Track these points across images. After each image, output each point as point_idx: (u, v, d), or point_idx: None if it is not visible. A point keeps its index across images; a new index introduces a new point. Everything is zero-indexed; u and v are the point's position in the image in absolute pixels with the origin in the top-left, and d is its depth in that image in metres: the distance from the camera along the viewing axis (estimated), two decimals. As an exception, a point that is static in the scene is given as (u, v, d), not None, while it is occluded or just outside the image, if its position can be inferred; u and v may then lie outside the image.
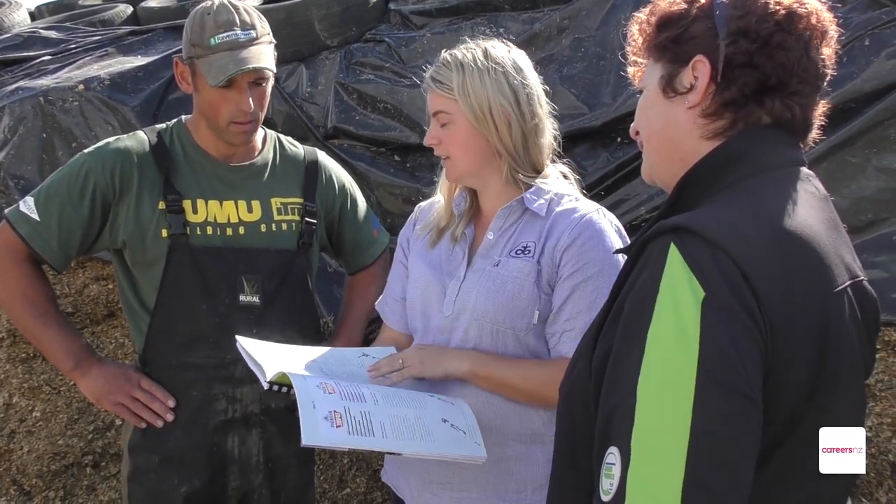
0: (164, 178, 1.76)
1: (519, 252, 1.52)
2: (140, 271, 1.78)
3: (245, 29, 1.70)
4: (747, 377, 0.82)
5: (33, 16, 4.16)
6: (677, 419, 0.81)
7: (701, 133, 1.00)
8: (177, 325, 1.76)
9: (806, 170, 1.00)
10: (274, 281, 1.80)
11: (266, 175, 1.86)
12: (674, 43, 1.01)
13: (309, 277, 1.88)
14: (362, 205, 2.03)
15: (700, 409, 0.80)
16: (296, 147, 1.95)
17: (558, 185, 1.58)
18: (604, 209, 1.56)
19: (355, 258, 2.04)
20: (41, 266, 1.80)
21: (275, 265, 1.81)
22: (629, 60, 1.12)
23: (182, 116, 1.88)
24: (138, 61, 2.98)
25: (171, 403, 1.77)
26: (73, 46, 3.28)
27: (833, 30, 1.00)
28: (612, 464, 0.85)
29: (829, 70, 1.00)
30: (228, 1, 1.73)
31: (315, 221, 1.88)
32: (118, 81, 2.83)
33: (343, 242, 2.01)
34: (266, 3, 2.90)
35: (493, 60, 1.52)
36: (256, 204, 1.82)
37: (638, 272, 0.91)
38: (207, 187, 1.80)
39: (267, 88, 1.77)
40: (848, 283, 0.95)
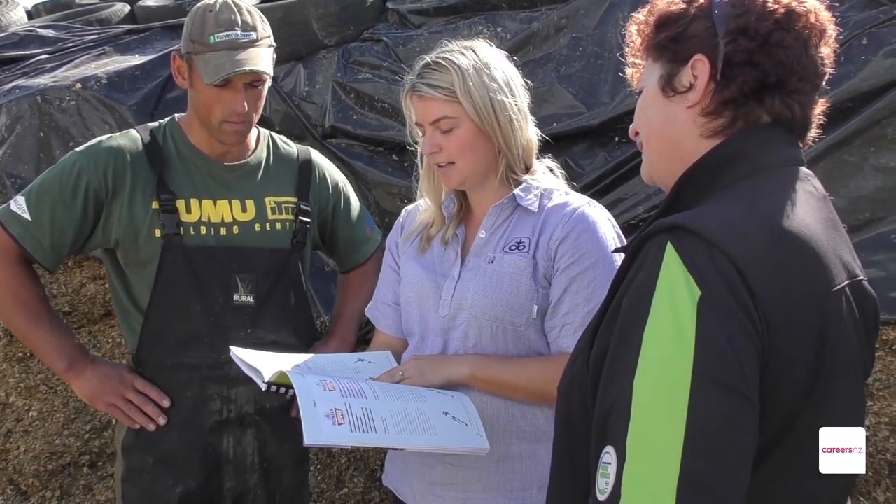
0: (158, 178, 1.75)
1: (513, 248, 1.52)
2: (133, 271, 1.76)
3: (245, 30, 1.69)
4: (744, 376, 0.82)
5: (30, 14, 4.15)
6: (674, 418, 0.81)
7: (700, 132, 1.00)
8: (171, 326, 1.75)
9: (805, 169, 1.00)
10: (268, 280, 1.79)
11: (260, 174, 1.85)
12: (673, 42, 1.01)
13: (303, 276, 1.88)
14: (356, 203, 2.02)
15: (696, 408, 0.80)
16: (289, 146, 1.95)
17: (546, 180, 1.58)
18: (594, 201, 1.57)
19: (349, 257, 2.03)
20: (32, 266, 1.78)
21: (269, 265, 1.80)
22: (627, 62, 1.12)
23: (175, 115, 1.87)
24: (135, 60, 2.98)
25: (166, 403, 1.76)
26: (70, 45, 3.27)
27: (831, 28, 1.00)
28: (608, 463, 0.85)
29: (828, 68, 1.00)
30: (232, 0, 1.72)
31: (309, 220, 1.87)
32: (115, 80, 2.83)
33: (336, 241, 2.00)
34: (264, 2, 2.89)
35: (484, 57, 1.52)
36: (251, 203, 1.81)
37: (635, 271, 0.91)
38: (201, 186, 1.79)
39: (263, 91, 1.76)
40: (846, 283, 0.94)
